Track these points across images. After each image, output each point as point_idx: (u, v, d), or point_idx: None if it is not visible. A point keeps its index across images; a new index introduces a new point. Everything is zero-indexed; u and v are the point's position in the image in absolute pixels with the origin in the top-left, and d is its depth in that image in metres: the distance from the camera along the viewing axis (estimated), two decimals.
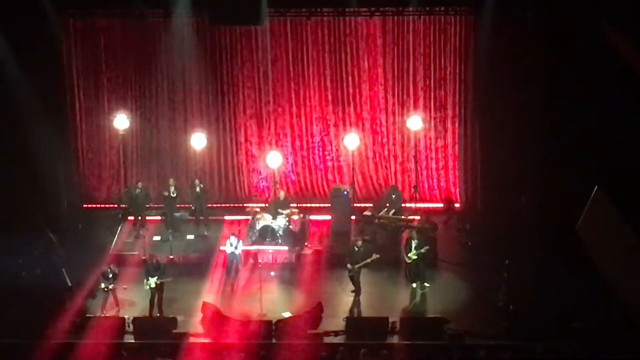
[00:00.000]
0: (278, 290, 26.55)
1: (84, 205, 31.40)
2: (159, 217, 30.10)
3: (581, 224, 26.27)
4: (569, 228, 26.27)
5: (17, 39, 28.16)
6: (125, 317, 24.52)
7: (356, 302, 25.75)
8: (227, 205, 31.40)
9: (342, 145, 30.88)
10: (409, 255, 26.15)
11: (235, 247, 26.80)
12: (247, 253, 27.76)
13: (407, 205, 30.08)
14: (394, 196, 29.61)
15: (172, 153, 31.61)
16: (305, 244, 28.63)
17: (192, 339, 23.74)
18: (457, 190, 31.28)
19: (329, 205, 30.32)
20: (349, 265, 25.85)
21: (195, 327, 24.36)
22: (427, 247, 26.23)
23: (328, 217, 30.13)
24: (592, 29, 25.78)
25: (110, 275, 25.20)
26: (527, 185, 27.97)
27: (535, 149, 27.81)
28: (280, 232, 28.55)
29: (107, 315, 24.90)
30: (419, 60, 30.60)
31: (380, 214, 29.29)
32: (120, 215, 30.20)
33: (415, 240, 26.22)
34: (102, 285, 25.19)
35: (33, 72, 28.35)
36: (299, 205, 30.14)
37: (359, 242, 26.37)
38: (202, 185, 29.75)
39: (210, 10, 27.93)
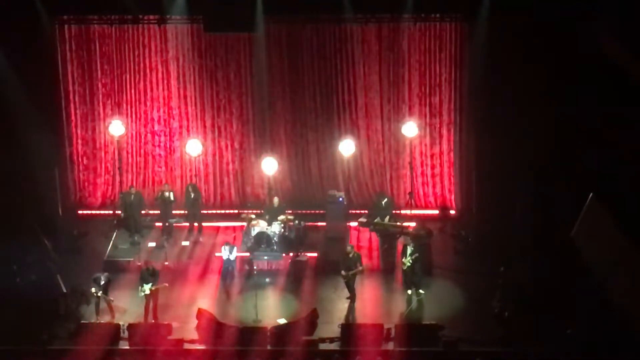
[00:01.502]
0: (273, 297, 26.52)
1: (79, 212, 31.39)
2: (154, 224, 30.17)
3: (576, 230, 26.31)
4: (564, 235, 26.31)
5: (12, 45, 28.13)
6: (120, 323, 24.47)
7: (351, 309, 25.76)
8: (222, 211, 31.39)
9: (337, 151, 30.85)
10: (404, 261, 26.17)
11: (230, 254, 26.80)
12: (242, 259, 27.75)
13: (403, 211, 30.07)
14: (383, 202, 29.60)
15: (167, 159, 31.63)
16: (300, 250, 28.60)
17: (187, 346, 23.74)
18: (452, 196, 31.33)
19: (324, 211, 30.34)
20: (343, 272, 25.88)
21: (190, 333, 24.31)
22: (417, 255, 26.22)
23: (323, 223, 30.14)
24: (588, 36, 25.83)
25: (102, 282, 25.14)
26: (522, 191, 27.97)
27: (531, 156, 27.83)
28: (275, 239, 28.53)
29: (101, 321, 24.84)
30: (414, 67, 30.67)
31: (376, 220, 29.29)
32: (115, 222, 30.17)
33: (411, 247, 26.25)
34: (93, 290, 25.15)
35: (28, 78, 28.34)
36: (294, 211, 30.11)
37: (349, 248, 26.39)
38: (196, 192, 29.76)
39: (205, 17, 27.94)
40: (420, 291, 26.22)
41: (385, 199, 29.80)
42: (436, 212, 31.06)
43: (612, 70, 24.89)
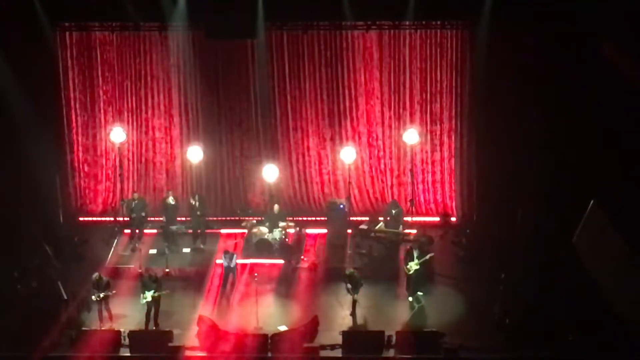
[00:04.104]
0: (274, 304, 26.51)
1: (80, 219, 31.39)
2: (155, 231, 30.16)
3: (577, 237, 26.31)
4: (565, 241, 26.30)
5: (13, 52, 28.20)
6: (121, 330, 24.46)
7: (352, 316, 25.68)
8: (224, 218, 31.37)
9: (338, 158, 30.88)
10: (410, 265, 26.09)
11: (230, 261, 26.80)
12: (243, 266, 27.75)
13: (404, 219, 30.03)
14: (394, 211, 29.55)
15: (168, 166, 31.63)
16: (301, 257, 28.60)
17: (187, 353, 23.74)
18: (453, 203, 31.29)
19: (325, 218, 30.35)
20: (348, 286, 25.72)
21: (191, 340, 24.30)
22: (432, 254, 26.28)
23: (324, 230, 30.14)
24: (589, 42, 25.86)
25: (102, 284, 25.09)
26: (523, 198, 27.97)
27: (532, 163, 27.84)
28: (276, 246, 28.56)
29: (103, 328, 24.82)
30: (415, 74, 30.64)
31: (377, 227, 29.29)
32: (116, 229, 30.17)
33: (417, 251, 26.25)
34: (93, 296, 25.12)
35: (29, 86, 28.41)
36: (295, 218, 30.17)
37: (348, 272, 26.04)
38: (198, 200, 29.73)
39: (206, 24, 27.98)
40: (419, 293, 26.17)
41: (397, 209, 29.66)
42: (437, 219, 31.04)
43: (613, 75, 24.91)
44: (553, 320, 24.20)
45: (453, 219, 31.07)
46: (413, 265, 26.15)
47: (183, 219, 30.31)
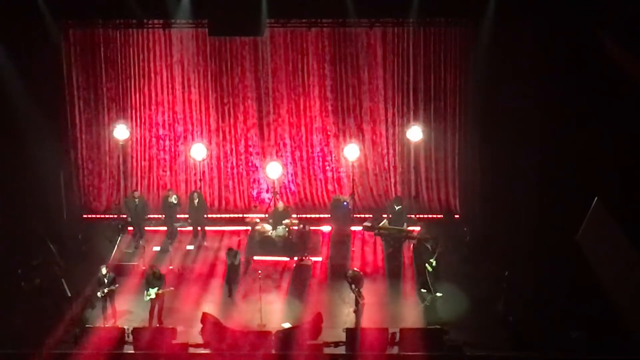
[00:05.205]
0: (278, 301, 26.50)
1: (84, 216, 31.42)
2: (158, 228, 30.20)
3: (581, 234, 26.28)
4: (569, 239, 26.27)
5: (17, 49, 28.19)
6: (125, 327, 24.46)
7: (356, 313, 25.68)
8: (227, 215, 31.41)
9: (342, 156, 30.93)
10: (432, 261, 26.09)
11: (235, 258, 26.81)
12: (246, 260, 27.81)
13: (408, 216, 30.02)
14: (397, 207, 29.54)
15: (172, 163, 31.65)
16: (305, 254, 28.61)
17: (191, 350, 23.72)
18: (457, 201, 31.30)
19: (329, 215, 30.37)
20: (352, 286, 25.72)
21: (195, 337, 24.30)
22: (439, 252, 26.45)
23: (328, 227, 30.16)
24: (592, 41, 25.82)
25: (106, 280, 25.09)
26: (526, 196, 27.95)
27: (535, 160, 27.80)
28: (280, 243, 28.56)
29: (107, 325, 24.84)
30: (419, 72, 30.66)
31: (380, 225, 29.29)
32: (120, 226, 30.19)
33: (431, 245, 26.31)
34: (99, 292, 25.12)
35: (33, 83, 28.38)
36: (298, 215, 30.20)
37: (350, 272, 26.13)
38: (200, 198, 29.76)
39: (210, 21, 27.94)
40: (423, 290, 26.25)
41: (401, 206, 29.66)
42: (440, 216, 31.03)
43: (617, 75, 24.87)
44: (556, 317, 24.19)
45: (456, 216, 31.08)
46: (433, 261, 26.18)
47: (184, 216, 30.36)
